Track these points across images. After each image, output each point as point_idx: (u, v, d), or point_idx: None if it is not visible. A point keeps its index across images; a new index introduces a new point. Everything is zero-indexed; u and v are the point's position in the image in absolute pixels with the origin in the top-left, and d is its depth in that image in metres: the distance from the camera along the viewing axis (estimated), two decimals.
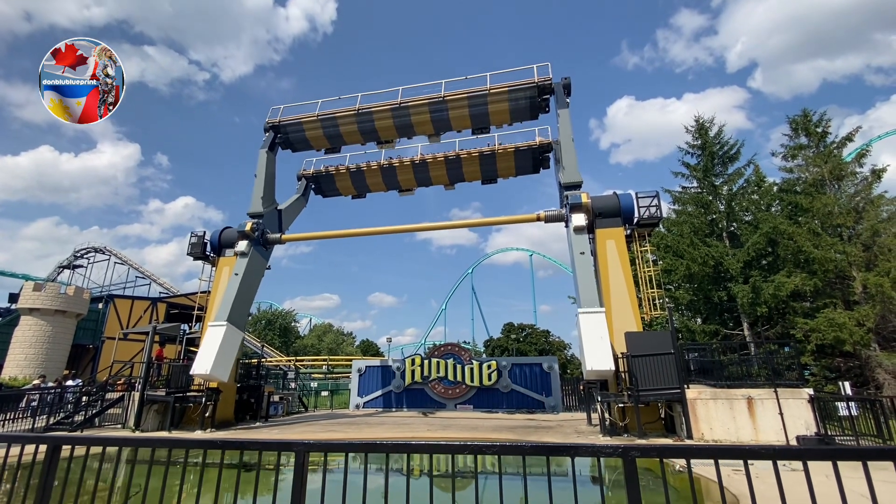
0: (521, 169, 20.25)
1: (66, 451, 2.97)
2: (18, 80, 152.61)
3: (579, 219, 15.10)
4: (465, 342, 52.79)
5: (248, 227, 18.01)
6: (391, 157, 21.24)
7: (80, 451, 2.96)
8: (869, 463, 2.10)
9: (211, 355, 14.62)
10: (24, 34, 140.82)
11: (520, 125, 19.54)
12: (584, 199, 15.48)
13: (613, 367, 11.74)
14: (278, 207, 20.15)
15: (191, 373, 15.07)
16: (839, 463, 2.17)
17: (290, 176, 22.83)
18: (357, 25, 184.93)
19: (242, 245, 17.77)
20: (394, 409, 23.25)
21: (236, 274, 17.00)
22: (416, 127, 19.13)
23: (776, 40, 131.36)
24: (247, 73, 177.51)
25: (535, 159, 19.89)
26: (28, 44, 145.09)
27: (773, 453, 2.08)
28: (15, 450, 3.16)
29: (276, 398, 21.28)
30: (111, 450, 8.81)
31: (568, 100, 17.79)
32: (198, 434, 14.94)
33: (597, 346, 12.06)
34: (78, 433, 13.89)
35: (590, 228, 16.32)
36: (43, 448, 2.83)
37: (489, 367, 22.96)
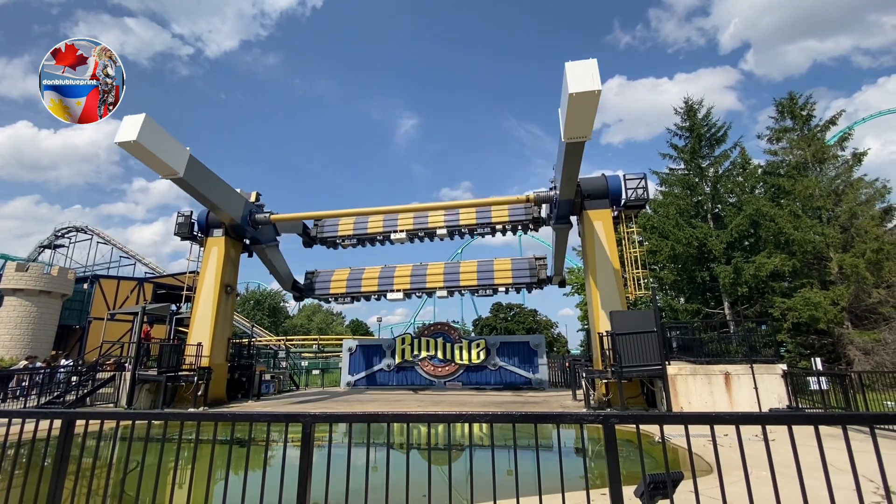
0: (518, 275, 20.81)
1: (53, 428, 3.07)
2: None
3: None
4: (454, 321, 53.47)
5: (254, 192, 19.07)
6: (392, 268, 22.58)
7: (78, 428, 3.08)
8: (829, 434, 2.35)
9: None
10: None
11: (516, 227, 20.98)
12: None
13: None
14: (278, 238, 20.79)
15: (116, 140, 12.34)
16: (805, 434, 2.41)
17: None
18: None
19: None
20: (384, 387, 23.67)
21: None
22: (430, 219, 20.92)
23: (769, 19, 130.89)
24: (232, 49, 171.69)
25: (531, 271, 20.47)
26: (2, 14, 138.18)
27: (737, 419, 2.31)
28: (28, 425, 3.29)
29: (268, 377, 21.51)
30: (107, 428, 8.94)
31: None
32: (208, 410, 15.14)
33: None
34: (90, 408, 14.08)
35: (578, 209, 16.57)
36: (58, 424, 2.96)
37: (478, 345, 23.41)
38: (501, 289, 21.57)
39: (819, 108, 25.27)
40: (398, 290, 21.01)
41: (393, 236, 21.01)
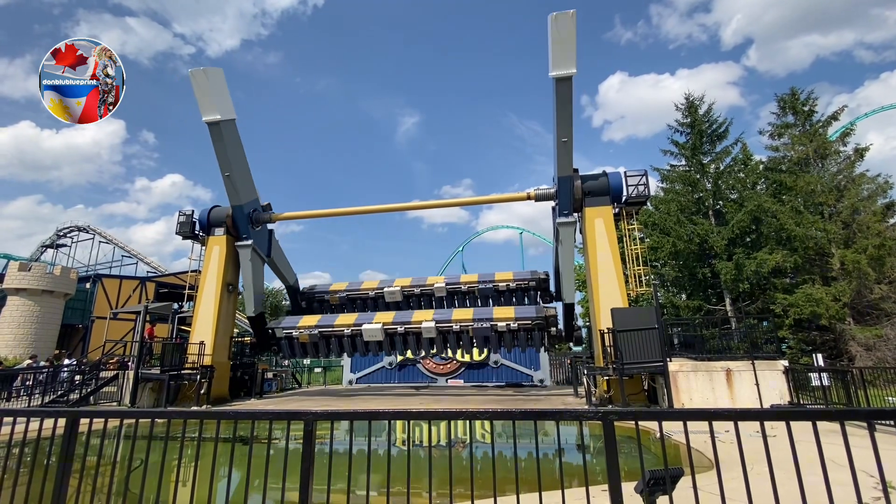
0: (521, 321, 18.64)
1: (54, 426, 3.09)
2: None
3: None
4: None
5: (268, 202, 19.80)
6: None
7: (82, 427, 3.11)
8: (830, 430, 2.36)
9: None
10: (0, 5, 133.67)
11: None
12: None
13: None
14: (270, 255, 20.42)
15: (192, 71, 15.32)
16: (805, 430, 2.42)
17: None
18: None
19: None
20: (386, 385, 23.74)
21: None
22: (429, 279, 20.57)
23: (772, 15, 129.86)
24: (233, 48, 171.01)
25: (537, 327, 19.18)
26: (3, 14, 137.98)
27: (735, 415, 2.32)
28: (32, 424, 3.32)
29: (270, 375, 21.60)
30: (110, 427, 8.99)
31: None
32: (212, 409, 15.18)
33: None
34: (94, 407, 14.16)
35: (578, 207, 16.56)
36: (62, 422, 2.99)
37: None
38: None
39: (821, 103, 25.21)
40: (377, 323, 17.94)
41: (387, 289, 20.04)
